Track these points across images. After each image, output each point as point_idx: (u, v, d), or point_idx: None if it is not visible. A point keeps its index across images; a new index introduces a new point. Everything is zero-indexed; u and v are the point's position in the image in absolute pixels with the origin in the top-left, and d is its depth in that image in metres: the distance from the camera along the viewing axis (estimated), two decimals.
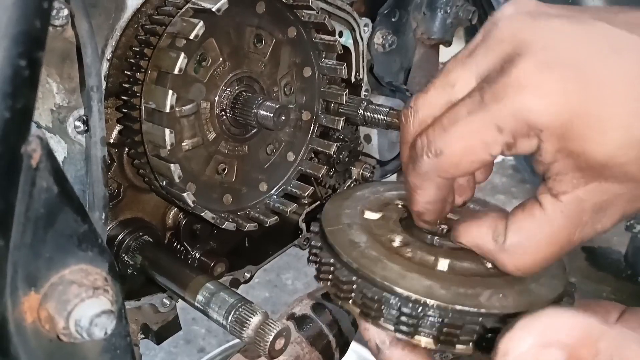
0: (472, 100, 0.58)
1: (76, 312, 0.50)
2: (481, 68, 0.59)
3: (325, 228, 0.69)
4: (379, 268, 0.62)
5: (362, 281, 0.62)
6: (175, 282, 0.80)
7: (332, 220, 0.71)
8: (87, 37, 0.68)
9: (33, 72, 0.45)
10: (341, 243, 0.66)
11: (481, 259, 0.66)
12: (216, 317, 0.73)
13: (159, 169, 0.78)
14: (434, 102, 0.62)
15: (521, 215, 0.60)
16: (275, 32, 0.89)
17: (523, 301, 0.61)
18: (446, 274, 0.63)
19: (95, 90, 0.69)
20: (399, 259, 0.64)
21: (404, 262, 0.63)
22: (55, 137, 0.77)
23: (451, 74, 0.61)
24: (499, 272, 0.64)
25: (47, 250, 0.52)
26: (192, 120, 0.82)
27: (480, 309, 0.58)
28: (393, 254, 0.64)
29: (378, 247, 0.65)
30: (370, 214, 0.73)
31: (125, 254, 0.85)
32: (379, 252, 0.65)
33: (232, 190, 0.90)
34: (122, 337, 0.59)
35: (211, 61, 0.81)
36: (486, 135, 0.56)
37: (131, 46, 0.78)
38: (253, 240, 1.06)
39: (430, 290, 0.60)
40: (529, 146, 0.56)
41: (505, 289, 0.61)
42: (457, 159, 0.58)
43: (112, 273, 0.56)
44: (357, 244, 0.66)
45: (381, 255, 0.64)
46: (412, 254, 0.65)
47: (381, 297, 0.60)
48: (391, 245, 0.67)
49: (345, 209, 0.74)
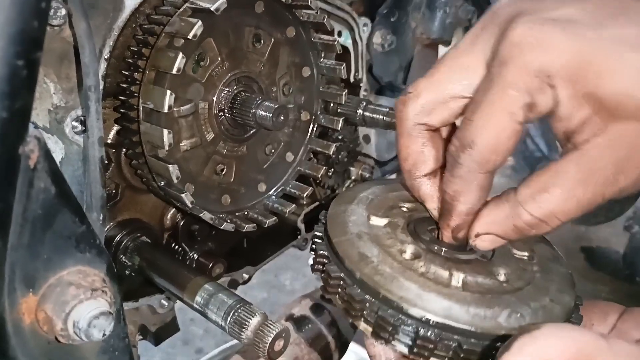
0: (484, 81, 0.58)
1: (74, 313, 0.50)
2: (486, 52, 0.59)
3: (333, 239, 0.66)
4: (395, 287, 0.60)
5: (376, 301, 0.60)
6: (173, 283, 0.80)
7: (338, 229, 0.68)
8: (85, 37, 0.68)
9: (31, 72, 0.44)
10: (352, 257, 0.64)
11: (493, 271, 0.65)
12: (215, 319, 0.72)
13: (157, 170, 0.78)
14: (440, 87, 0.62)
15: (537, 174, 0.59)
16: (274, 32, 0.89)
17: (539, 320, 0.60)
18: (462, 293, 0.61)
19: (93, 90, 0.68)
20: (413, 276, 0.61)
21: (419, 279, 0.61)
22: (52, 137, 0.76)
23: (460, 59, 0.61)
24: (512, 287, 0.63)
25: (45, 251, 0.52)
26: (190, 120, 0.81)
27: (499, 332, 0.57)
28: (407, 270, 0.62)
29: (390, 262, 0.63)
30: (376, 219, 0.70)
31: (123, 255, 0.85)
32: (393, 267, 0.62)
33: (230, 190, 0.90)
34: (120, 339, 0.58)
35: (209, 61, 0.81)
36: (506, 103, 0.56)
37: (129, 46, 0.78)
38: (251, 241, 1.06)
39: (449, 312, 0.58)
40: (547, 102, 0.56)
41: (522, 308, 0.60)
42: (492, 141, 0.57)
43: (110, 274, 0.56)
44: (368, 259, 0.63)
45: (395, 272, 0.61)
46: (426, 268, 0.63)
47: (398, 318, 0.59)
48: (403, 258, 0.64)
49: (350, 215, 0.71)
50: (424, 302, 0.59)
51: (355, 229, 0.68)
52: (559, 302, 0.63)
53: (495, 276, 0.64)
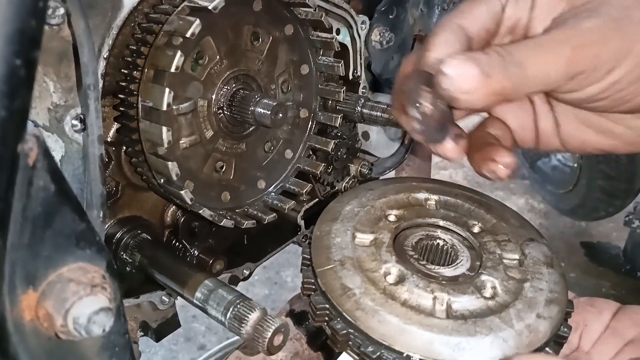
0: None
1: (74, 309, 0.50)
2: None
3: (317, 268, 0.66)
4: (375, 322, 0.60)
5: (359, 335, 0.61)
6: (173, 280, 0.80)
7: (322, 256, 0.68)
8: (84, 35, 0.68)
9: (29, 71, 0.45)
10: (334, 290, 0.64)
11: (479, 286, 0.64)
12: (215, 314, 0.73)
13: (156, 167, 0.79)
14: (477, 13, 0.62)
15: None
16: (272, 30, 0.89)
17: (523, 344, 0.60)
18: (445, 322, 0.61)
19: (92, 88, 0.69)
20: (396, 307, 0.61)
21: (402, 310, 0.61)
22: (52, 136, 0.77)
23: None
24: (498, 303, 0.63)
25: (45, 249, 0.52)
26: (189, 118, 0.82)
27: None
28: (389, 300, 0.62)
29: (373, 292, 0.63)
30: (361, 237, 0.70)
31: (123, 252, 0.85)
32: (375, 299, 0.62)
33: (230, 187, 0.91)
34: (121, 335, 0.59)
35: (208, 59, 0.81)
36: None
37: (128, 45, 0.78)
38: (252, 238, 1.07)
39: (430, 346, 0.58)
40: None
41: (506, 331, 0.60)
42: None
43: (110, 271, 0.56)
44: (350, 291, 0.63)
45: (377, 305, 0.61)
46: (409, 294, 0.63)
47: (380, 354, 0.59)
48: (386, 284, 0.64)
49: (335, 237, 0.70)
50: (405, 338, 0.59)
51: (338, 254, 0.67)
52: (547, 317, 0.63)
53: (482, 293, 0.64)
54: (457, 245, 0.72)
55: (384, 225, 0.72)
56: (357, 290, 0.63)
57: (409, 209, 0.76)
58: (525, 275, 0.68)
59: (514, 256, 0.70)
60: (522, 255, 0.70)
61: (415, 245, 0.71)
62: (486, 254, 0.70)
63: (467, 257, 0.70)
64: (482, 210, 0.77)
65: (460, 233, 0.74)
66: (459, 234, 0.74)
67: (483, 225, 0.75)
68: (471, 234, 0.73)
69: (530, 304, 0.64)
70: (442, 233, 0.73)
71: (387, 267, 0.66)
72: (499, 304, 0.63)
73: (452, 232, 0.74)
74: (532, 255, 0.71)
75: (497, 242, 0.72)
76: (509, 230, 0.74)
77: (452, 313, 0.62)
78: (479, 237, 0.73)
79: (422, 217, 0.75)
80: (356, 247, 0.69)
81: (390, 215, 0.74)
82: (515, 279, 0.67)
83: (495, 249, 0.71)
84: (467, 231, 0.73)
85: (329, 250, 0.68)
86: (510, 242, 0.72)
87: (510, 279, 0.67)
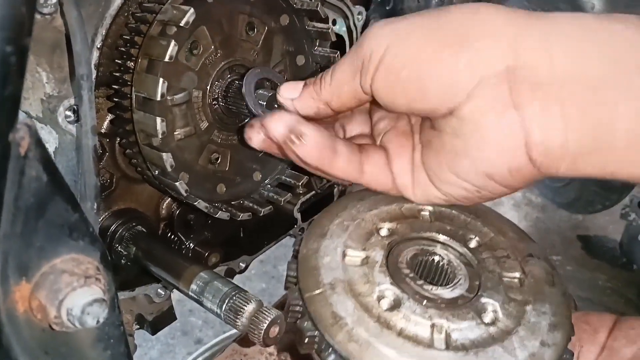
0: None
1: (68, 300, 0.50)
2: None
3: (305, 293, 0.62)
4: (370, 356, 0.56)
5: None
6: (169, 272, 0.80)
7: (310, 277, 0.63)
8: (77, 25, 0.68)
9: (20, 59, 0.44)
10: (324, 318, 0.59)
11: (480, 310, 0.62)
12: (210, 306, 0.72)
13: (151, 159, 0.78)
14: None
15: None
16: (268, 19, 0.88)
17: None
18: (444, 354, 0.57)
19: (86, 79, 0.68)
20: (391, 338, 0.58)
21: (398, 341, 0.58)
22: (46, 127, 0.76)
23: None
24: (500, 330, 0.60)
25: (38, 239, 0.52)
26: (184, 109, 0.81)
27: None
28: (384, 329, 0.58)
29: (366, 321, 0.59)
30: (352, 256, 0.65)
31: (118, 244, 0.85)
32: (368, 329, 0.58)
33: (225, 179, 0.90)
34: (115, 326, 0.58)
35: (203, 49, 0.81)
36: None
37: (121, 34, 0.78)
38: (248, 230, 1.06)
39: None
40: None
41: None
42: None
43: (104, 262, 0.56)
44: (342, 320, 0.59)
45: (371, 336, 0.57)
46: (405, 322, 0.59)
47: None
48: (380, 310, 0.60)
49: (324, 256, 0.65)
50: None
51: (328, 276, 0.63)
52: (551, 344, 0.60)
53: (482, 318, 0.61)
54: (454, 262, 0.68)
55: (376, 240, 0.68)
56: (350, 319, 0.59)
57: (402, 221, 0.71)
58: (527, 297, 0.64)
59: (515, 274, 0.67)
60: (523, 273, 0.67)
61: (410, 261, 0.67)
62: (485, 272, 0.66)
63: (465, 275, 0.67)
64: (479, 223, 0.73)
65: (457, 248, 0.70)
66: (456, 249, 0.70)
67: (480, 239, 0.71)
68: (468, 249, 0.70)
69: (533, 329, 0.60)
70: (438, 248, 0.70)
71: (381, 290, 0.62)
72: (500, 331, 0.60)
73: (448, 247, 0.70)
74: (533, 273, 0.67)
75: (496, 258, 0.68)
76: (508, 245, 0.71)
77: (451, 343, 0.58)
78: (477, 253, 0.69)
79: (417, 230, 0.71)
80: (347, 267, 0.64)
81: (383, 229, 0.70)
82: (517, 301, 0.63)
83: (494, 267, 0.67)
84: (464, 246, 0.70)
85: (317, 271, 0.63)
86: (509, 258, 0.68)
87: (511, 301, 0.63)
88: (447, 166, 0.65)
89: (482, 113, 0.60)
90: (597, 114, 0.56)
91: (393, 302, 0.61)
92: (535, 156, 0.59)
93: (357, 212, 0.72)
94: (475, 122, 0.60)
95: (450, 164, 0.64)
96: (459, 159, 0.63)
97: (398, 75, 0.62)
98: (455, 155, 0.63)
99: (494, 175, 0.62)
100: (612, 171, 0.58)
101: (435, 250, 0.70)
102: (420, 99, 0.62)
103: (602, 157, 0.58)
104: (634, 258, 3.10)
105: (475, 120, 0.60)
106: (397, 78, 0.62)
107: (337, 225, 0.70)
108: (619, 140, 0.56)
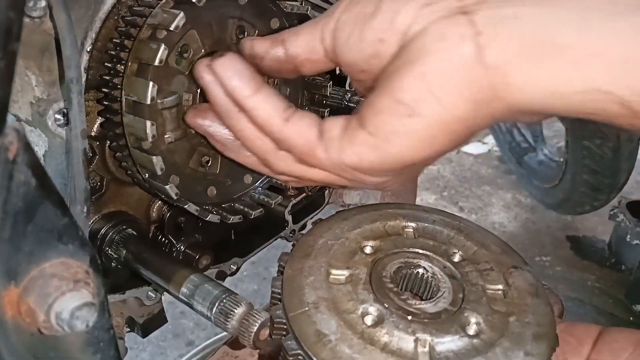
0: None
1: (57, 305, 0.50)
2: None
3: (289, 313, 0.63)
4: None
5: None
6: (159, 275, 0.80)
7: (294, 297, 0.64)
8: (66, 29, 0.67)
9: (8, 64, 0.44)
10: (308, 337, 0.60)
11: (463, 323, 0.62)
12: (201, 309, 0.73)
13: (141, 162, 0.78)
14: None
15: None
16: (258, 23, 0.88)
17: None
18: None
19: (75, 82, 0.68)
20: (375, 354, 0.58)
21: (381, 357, 0.58)
22: (35, 130, 0.76)
23: None
24: (483, 342, 0.61)
25: (26, 244, 0.51)
26: (174, 112, 0.81)
27: None
28: (368, 345, 0.58)
29: (350, 338, 0.59)
30: (336, 272, 0.66)
31: (109, 247, 0.85)
32: (352, 346, 0.58)
33: (216, 182, 0.90)
34: (105, 330, 0.58)
35: (193, 53, 0.81)
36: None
37: (111, 38, 0.78)
38: (239, 233, 1.06)
39: None
40: None
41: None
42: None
43: (94, 266, 0.56)
44: (326, 337, 0.59)
45: (355, 353, 0.58)
46: (389, 337, 0.60)
47: None
48: (364, 326, 0.61)
49: (308, 276, 0.66)
50: None
51: (312, 296, 0.64)
52: (535, 354, 0.60)
53: (466, 331, 0.61)
54: (437, 275, 0.69)
55: (359, 259, 0.68)
56: (333, 337, 0.59)
57: (385, 239, 0.72)
58: (510, 308, 0.64)
59: (498, 287, 0.67)
60: (506, 285, 0.67)
61: (394, 275, 0.67)
62: (468, 285, 0.67)
63: (448, 288, 0.67)
64: (462, 237, 0.74)
65: (441, 262, 0.71)
66: (440, 262, 0.71)
67: (464, 253, 0.72)
68: (452, 263, 0.70)
69: (517, 340, 0.61)
70: (422, 261, 0.70)
71: (365, 307, 0.62)
72: (484, 343, 0.60)
73: (432, 260, 0.70)
74: (516, 284, 0.68)
75: (479, 271, 0.69)
76: (491, 258, 0.71)
77: (435, 356, 0.59)
78: (460, 267, 0.70)
79: (400, 247, 0.71)
80: (331, 285, 0.65)
81: (367, 247, 0.70)
82: (500, 312, 0.64)
83: (477, 280, 0.68)
84: (448, 260, 0.71)
85: (301, 291, 0.64)
86: (492, 270, 0.69)
87: (494, 313, 0.64)
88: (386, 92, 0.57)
89: (428, 26, 0.55)
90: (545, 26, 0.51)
91: (377, 318, 0.61)
92: (490, 59, 0.52)
93: (341, 231, 0.72)
94: (422, 37, 0.55)
95: (391, 86, 0.56)
96: (401, 77, 0.55)
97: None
98: (398, 76, 0.56)
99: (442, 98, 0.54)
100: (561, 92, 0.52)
101: (419, 262, 0.70)
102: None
103: (552, 68, 0.52)
104: (622, 258, 3.13)
105: (422, 36, 0.55)
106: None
107: (321, 245, 0.70)
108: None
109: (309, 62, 0.68)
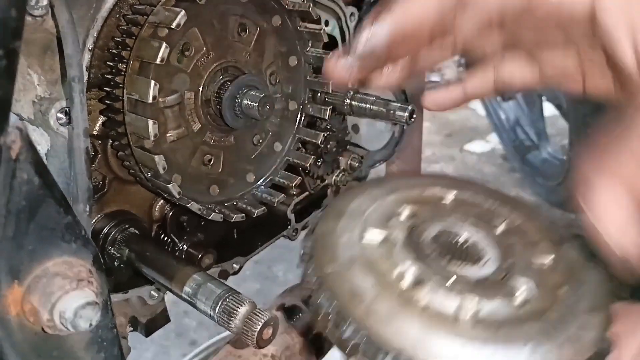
0: None
1: (60, 304, 0.50)
2: None
3: (320, 270, 0.59)
4: (391, 332, 0.52)
5: (370, 345, 0.52)
6: (162, 274, 0.80)
7: (326, 254, 0.60)
8: (68, 27, 0.67)
9: (10, 62, 0.44)
10: (341, 294, 0.55)
11: (511, 290, 0.57)
12: (204, 308, 0.72)
13: (143, 161, 0.78)
14: None
15: None
16: (260, 20, 0.88)
17: (565, 356, 0.52)
18: (472, 331, 0.53)
19: (77, 81, 0.68)
20: (414, 314, 0.53)
21: (421, 317, 0.53)
22: (38, 129, 0.76)
23: None
24: (533, 310, 0.56)
25: (29, 242, 0.51)
26: (176, 111, 0.81)
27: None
28: (406, 304, 0.54)
29: (387, 296, 0.55)
30: (371, 236, 0.61)
31: (111, 246, 0.85)
32: (389, 304, 0.54)
33: (218, 181, 0.90)
34: (109, 329, 0.58)
35: (194, 51, 0.81)
36: None
37: (113, 36, 0.77)
38: (241, 232, 1.06)
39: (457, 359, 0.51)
40: None
41: (545, 343, 0.53)
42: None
43: (97, 265, 0.56)
44: (360, 295, 0.55)
45: (392, 311, 0.53)
46: (430, 298, 0.55)
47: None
48: (402, 287, 0.56)
49: (341, 235, 0.62)
50: (426, 352, 0.51)
51: (345, 254, 0.59)
52: (590, 328, 0.55)
53: (513, 298, 0.57)
54: (481, 243, 0.64)
55: (396, 222, 0.63)
56: (369, 295, 0.55)
57: (423, 205, 0.67)
58: (561, 279, 0.60)
59: (548, 257, 0.63)
60: (557, 256, 0.63)
61: (433, 241, 0.63)
62: (515, 255, 0.62)
63: (493, 256, 0.62)
64: (507, 209, 0.69)
65: (484, 230, 0.65)
66: (483, 230, 0.66)
67: (510, 223, 0.67)
68: (496, 232, 0.65)
69: (569, 311, 0.56)
70: (464, 228, 0.65)
71: (403, 268, 0.58)
72: (533, 312, 0.56)
73: (474, 228, 0.65)
74: (569, 256, 0.63)
75: (527, 242, 0.65)
76: (539, 230, 0.67)
77: (480, 321, 0.54)
78: (505, 236, 0.65)
79: (439, 214, 0.66)
80: (366, 246, 0.60)
81: (403, 212, 0.65)
82: (550, 283, 0.59)
83: (524, 250, 0.63)
84: (492, 229, 0.66)
85: (334, 249, 0.60)
86: (542, 241, 0.65)
87: (544, 283, 0.59)
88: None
89: None
90: None
91: (416, 279, 0.57)
92: None
93: (376, 195, 0.68)
94: None
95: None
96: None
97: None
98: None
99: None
100: None
101: (461, 229, 0.65)
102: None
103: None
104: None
105: None
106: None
107: (355, 207, 0.66)
108: None
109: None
